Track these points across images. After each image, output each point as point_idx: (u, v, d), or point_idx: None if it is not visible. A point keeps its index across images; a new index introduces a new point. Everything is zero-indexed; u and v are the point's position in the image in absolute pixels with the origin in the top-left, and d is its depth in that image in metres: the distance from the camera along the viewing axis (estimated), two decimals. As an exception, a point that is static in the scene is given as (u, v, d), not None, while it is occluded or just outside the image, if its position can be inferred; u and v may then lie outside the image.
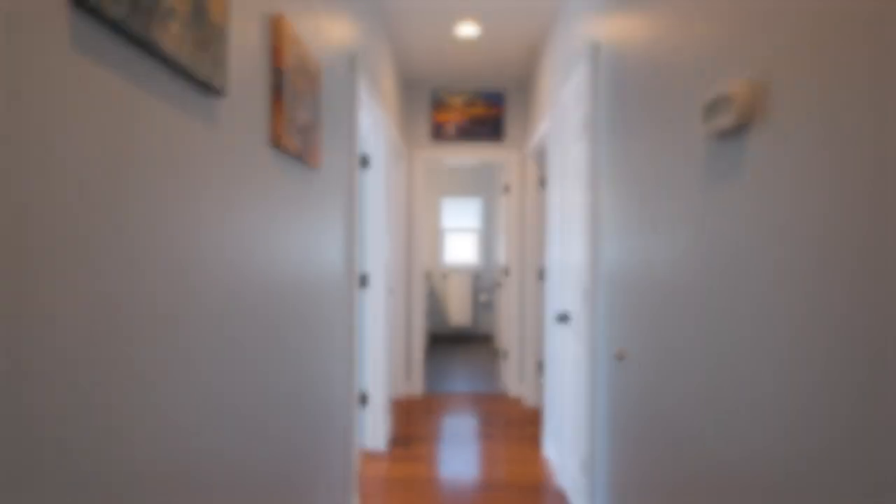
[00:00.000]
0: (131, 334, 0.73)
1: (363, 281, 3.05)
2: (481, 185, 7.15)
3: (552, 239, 2.98)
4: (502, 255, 4.93)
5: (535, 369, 3.97)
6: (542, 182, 3.95)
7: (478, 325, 7.20)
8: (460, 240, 7.23)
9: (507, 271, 4.36)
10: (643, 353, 1.52)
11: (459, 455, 3.05)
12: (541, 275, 3.96)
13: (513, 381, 4.24)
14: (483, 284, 7.18)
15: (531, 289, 3.97)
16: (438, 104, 4.21)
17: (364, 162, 3.08)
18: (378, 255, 3.10)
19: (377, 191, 3.11)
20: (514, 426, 3.57)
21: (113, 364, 0.69)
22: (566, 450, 2.56)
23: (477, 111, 4.20)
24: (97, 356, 0.66)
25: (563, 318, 2.52)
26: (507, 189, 4.39)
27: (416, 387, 4.28)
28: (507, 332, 4.30)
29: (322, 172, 1.72)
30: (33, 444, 0.57)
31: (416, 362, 4.28)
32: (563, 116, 2.64)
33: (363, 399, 3.07)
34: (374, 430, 3.08)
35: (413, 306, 4.28)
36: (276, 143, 1.27)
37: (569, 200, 2.52)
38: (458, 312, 6.98)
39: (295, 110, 1.38)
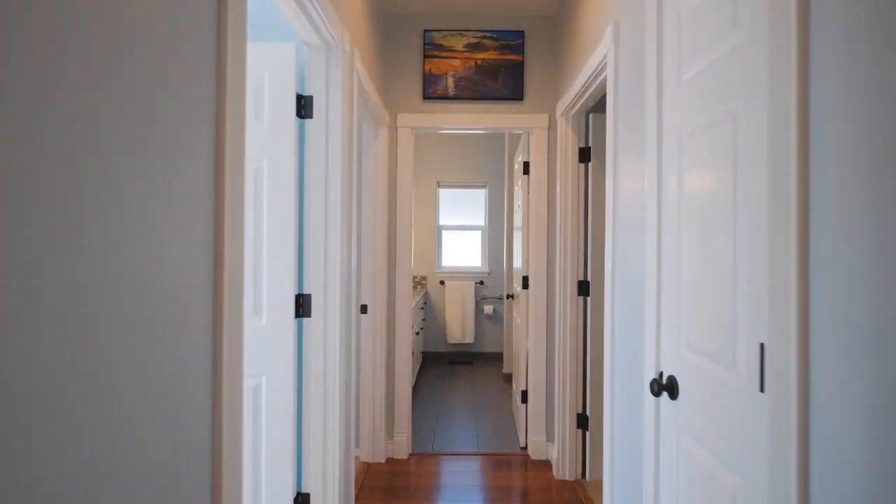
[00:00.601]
0: None
1: (301, 307, 1.84)
2: (487, 170, 5.92)
3: (627, 238, 1.77)
4: (517, 259, 3.72)
5: (574, 424, 2.76)
6: (583, 156, 2.74)
7: (482, 342, 5.97)
8: (462, 239, 6.02)
9: (525, 282, 3.15)
10: None
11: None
12: (581, 289, 2.75)
13: (536, 435, 3.02)
14: (489, 293, 5.95)
15: (566, 308, 2.76)
16: (432, 49, 3.00)
17: (303, 108, 1.86)
18: (329, 263, 1.89)
19: (330, 158, 1.89)
20: (545, 520, 2.36)
21: None
22: None
23: (486, 56, 2.98)
24: None
25: (667, 387, 1.31)
26: (526, 169, 3.19)
27: (401, 446, 3.06)
28: (526, 365, 3.08)
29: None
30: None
31: (402, 412, 3.06)
32: (653, 21, 1.42)
33: None
34: (321, 550, 1.87)
35: (398, 332, 3.06)
36: None
37: (679, 171, 1.31)
38: (458, 327, 5.76)
39: None
